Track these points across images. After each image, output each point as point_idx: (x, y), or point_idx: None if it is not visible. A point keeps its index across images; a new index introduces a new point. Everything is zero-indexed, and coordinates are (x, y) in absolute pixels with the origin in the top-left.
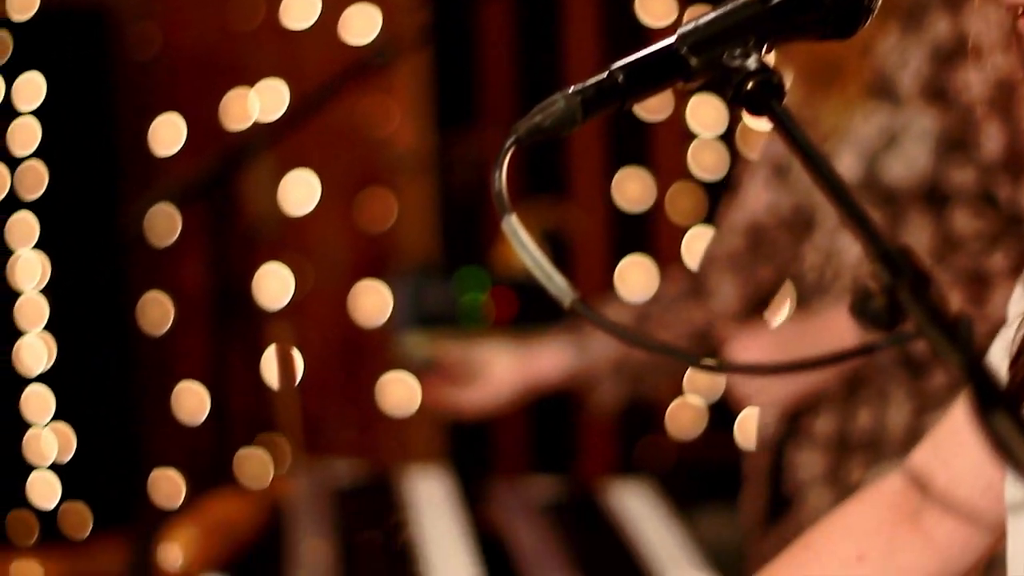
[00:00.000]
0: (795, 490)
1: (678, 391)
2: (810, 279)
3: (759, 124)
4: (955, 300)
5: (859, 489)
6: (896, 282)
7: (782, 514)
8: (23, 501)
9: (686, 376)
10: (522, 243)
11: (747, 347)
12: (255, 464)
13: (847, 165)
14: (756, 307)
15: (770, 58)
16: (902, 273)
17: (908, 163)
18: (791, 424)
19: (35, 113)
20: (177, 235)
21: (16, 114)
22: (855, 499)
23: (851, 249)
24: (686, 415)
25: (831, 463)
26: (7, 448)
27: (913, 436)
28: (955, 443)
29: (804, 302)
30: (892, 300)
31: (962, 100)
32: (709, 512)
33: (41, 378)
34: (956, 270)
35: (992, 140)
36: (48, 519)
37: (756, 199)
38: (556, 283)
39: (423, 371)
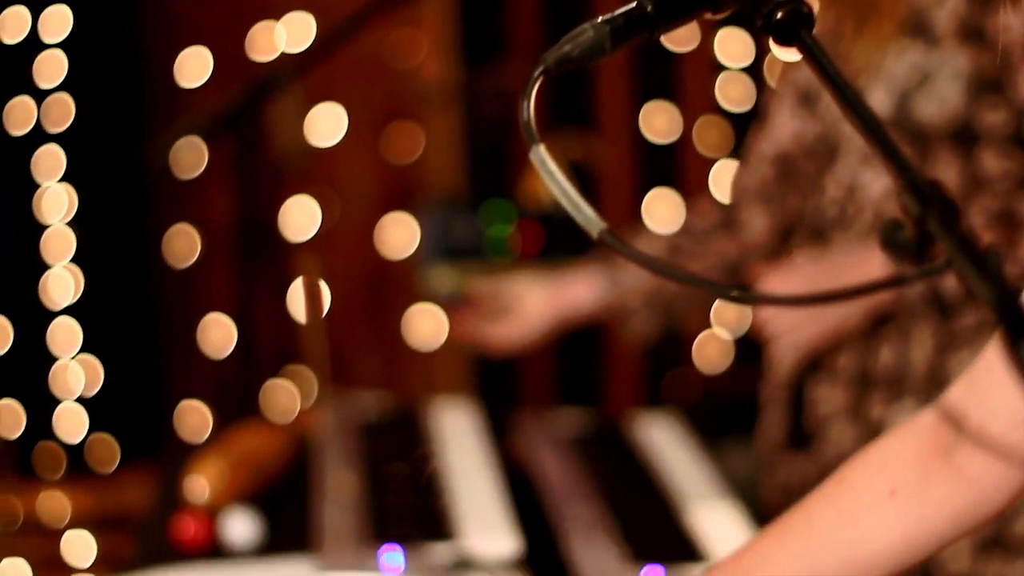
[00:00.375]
0: (815, 425)
1: (705, 324)
2: (831, 213)
3: (787, 55)
4: (986, 241)
5: (880, 425)
6: (926, 212)
7: (801, 446)
8: (50, 434)
9: (713, 309)
10: (550, 173)
11: (776, 286)
12: (282, 396)
13: (878, 101)
14: (786, 237)
15: None
16: (932, 203)
17: (940, 102)
18: (812, 359)
19: (61, 45)
20: (204, 168)
21: (43, 46)
22: (889, 435)
23: (874, 184)
24: (713, 348)
25: (852, 399)
26: (34, 381)
27: (935, 375)
28: (990, 380)
29: (823, 236)
30: (921, 231)
31: (999, 42)
32: (736, 445)
33: (68, 310)
34: (985, 211)
35: None
36: (75, 452)
37: (782, 128)
38: (584, 213)
39: (450, 304)
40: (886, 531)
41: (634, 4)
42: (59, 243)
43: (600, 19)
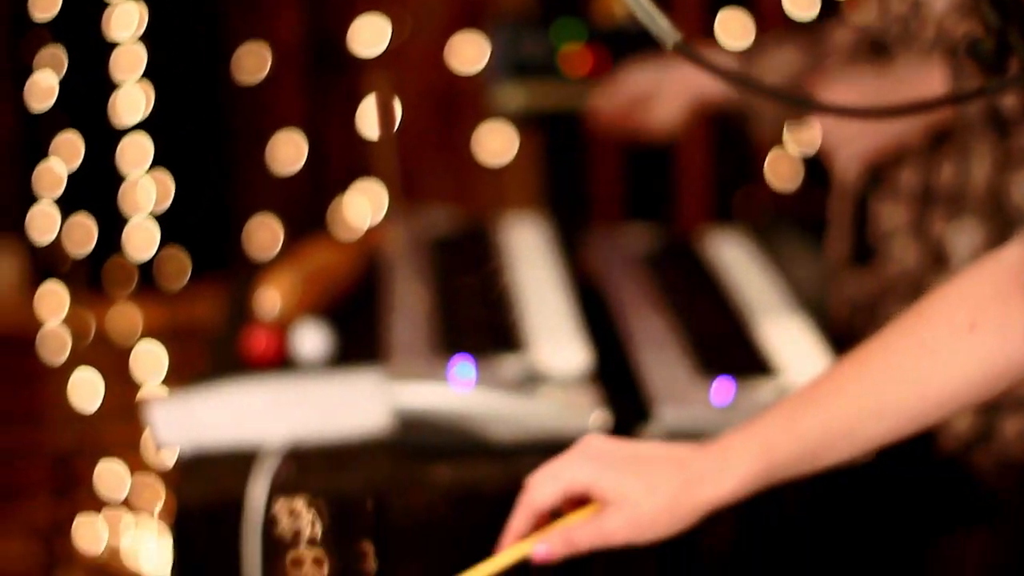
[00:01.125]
0: (878, 240)
1: (777, 141)
2: (895, 31)
3: None
4: None
5: (940, 242)
6: (1006, 24)
7: (865, 262)
8: (121, 250)
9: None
10: None
11: (838, 94)
12: (352, 212)
13: None
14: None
15: None
16: (1012, 16)
17: None
18: (875, 175)
19: None
20: None
21: None
22: (971, 268)
23: (938, 1)
24: (784, 166)
25: (914, 215)
26: (105, 197)
27: (995, 193)
28: None
29: (887, 53)
30: (1001, 42)
31: None
32: (805, 262)
33: (139, 127)
34: None
35: None
36: (146, 267)
37: None
38: (659, 24)
39: (521, 120)
40: (964, 365)
41: None
42: (129, 59)
43: None
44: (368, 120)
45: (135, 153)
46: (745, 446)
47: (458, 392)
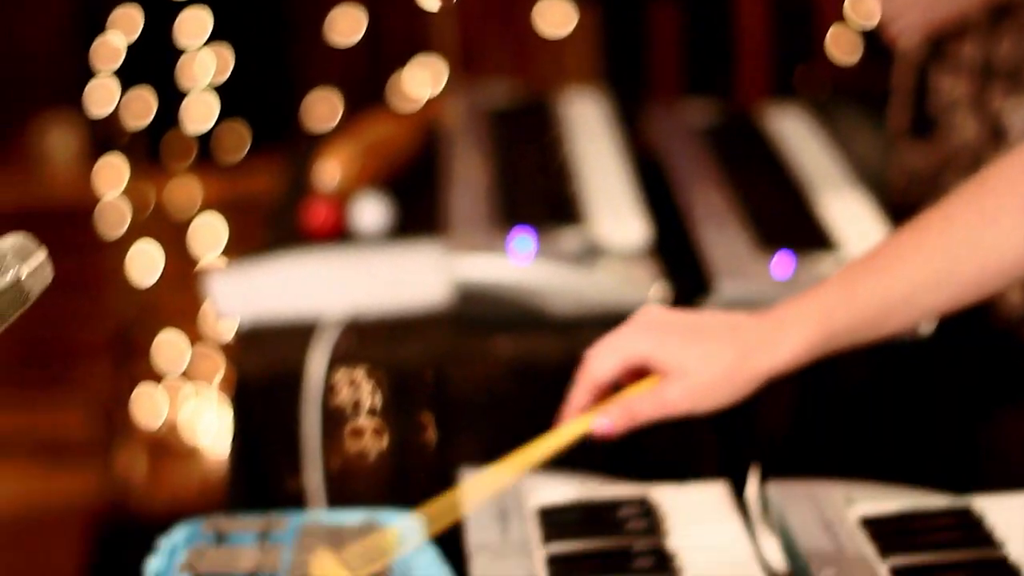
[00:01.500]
0: (939, 112)
1: (838, 16)
2: None
3: None
4: None
5: (999, 117)
6: None
7: (926, 132)
8: (178, 124)
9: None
10: None
11: None
12: (411, 84)
13: None
14: None
15: None
16: None
17: None
18: (936, 47)
19: None
20: None
21: None
22: None
23: None
24: (845, 40)
25: (974, 88)
26: (163, 70)
27: None
28: None
29: None
30: None
31: None
32: (866, 137)
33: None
34: None
35: None
36: (204, 140)
37: None
38: None
39: None
40: None
41: None
42: None
43: None
44: None
45: (193, 25)
46: (804, 314)
47: (518, 264)
